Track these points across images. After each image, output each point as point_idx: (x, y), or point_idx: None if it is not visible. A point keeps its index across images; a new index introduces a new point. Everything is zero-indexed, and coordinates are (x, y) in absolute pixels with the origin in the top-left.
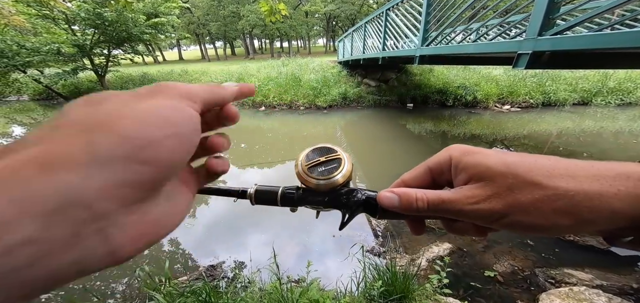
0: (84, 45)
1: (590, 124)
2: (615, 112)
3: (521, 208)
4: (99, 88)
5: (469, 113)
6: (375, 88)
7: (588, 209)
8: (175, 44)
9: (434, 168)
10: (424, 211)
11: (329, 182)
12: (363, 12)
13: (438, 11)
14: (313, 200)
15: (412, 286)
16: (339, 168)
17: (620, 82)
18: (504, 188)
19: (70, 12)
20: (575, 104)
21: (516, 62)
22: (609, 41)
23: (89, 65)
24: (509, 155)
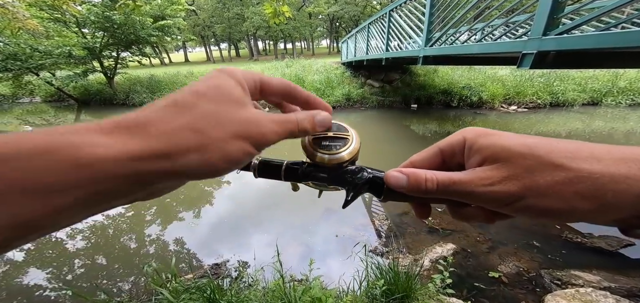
0: (93, 47)
1: (601, 124)
2: (626, 113)
3: (539, 191)
4: (108, 90)
5: (475, 114)
6: (379, 89)
7: (613, 193)
8: (181, 46)
9: (445, 150)
10: (433, 192)
11: (334, 157)
12: (366, 13)
13: (442, 11)
14: (317, 176)
15: (414, 286)
16: (346, 144)
17: (632, 82)
18: (522, 169)
19: (81, 16)
20: (585, 104)
21: (521, 62)
22: (617, 40)
23: (98, 67)
24: (529, 137)
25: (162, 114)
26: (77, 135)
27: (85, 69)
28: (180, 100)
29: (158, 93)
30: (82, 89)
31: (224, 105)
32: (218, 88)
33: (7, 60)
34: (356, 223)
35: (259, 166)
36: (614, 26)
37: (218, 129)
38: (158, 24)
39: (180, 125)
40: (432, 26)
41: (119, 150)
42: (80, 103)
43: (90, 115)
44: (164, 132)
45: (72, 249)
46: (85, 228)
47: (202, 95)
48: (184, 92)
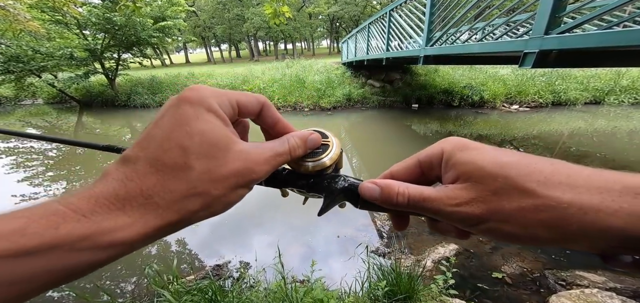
0: (95, 49)
1: (603, 123)
2: (629, 111)
3: (502, 216)
4: (110, 91)
5: (476, 113)
6: (380, 89)
7: (578, 224)
8: (182, 47)
9: (423, 162)
10: (404, 206)
11: (315, 163)
12: (366, 13)
13: (442, 11)
14: (297, 182)
15: (417, 286)
16: (326, 151)
17: (634, 80)
18: (490, 192)
19: (82, 17)
20: (587, 103)
21: (522, 61)
22: (620, 39)
23: (99, 69)
24: (507, 154)
25: (160, 180)
26: (103, 221)
27: (87, 70)
28: (170, 162)
29: (159, 94)
30: (83, 91)
31: (214, 159)
32: (202, 136)
33: (9, 62)
34: (358, 223)
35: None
36: (616, 25)
37: (217, 187)
38: (158, 25)
39: (183, 193)
40: (433, 26)
41: (140, 231)
42: (82, 104)
43: (92, 117)
44: (172, 202)
45: None
46: None
47: (190, 152)
48: (171, 147)
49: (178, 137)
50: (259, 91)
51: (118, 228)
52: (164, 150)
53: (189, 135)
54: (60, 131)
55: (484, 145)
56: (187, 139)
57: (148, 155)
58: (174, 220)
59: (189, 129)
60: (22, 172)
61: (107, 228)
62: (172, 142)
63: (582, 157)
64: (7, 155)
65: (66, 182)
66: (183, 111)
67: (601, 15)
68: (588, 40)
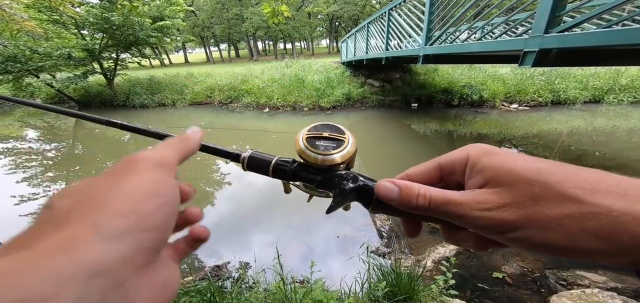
0: (93, 49)
1: (603, 122)
2: (628, 110)
3: (542, 223)
4: (108, 91)
5: (476, 112)
6: (379, 88)
7: (631, 235)
8: (181, 47)
9: (445, 166)
10: (424, 209)
11: (325, 158)
12: (366, 13)
13: (441, 10)
14: (306, 177)
15: (417, 287)
16: (340, 146)
17: (633, 79)
18: (527, 197)
19: (80, 17)
20: (586, 102)
21: (522, 60)
22: (621, 38)
23: (98, 69)
24: (540, 160)
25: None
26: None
27: (85, 70)
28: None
29: (158, 94)
30: (82, 91)
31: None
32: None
33: (7, 62)
34: (357, 223)
35: (248, 160)
36: (616, 23)
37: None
38: (157, 25)
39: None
40: (432, 25)
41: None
42: (81, 105)
43: None
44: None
45: None
46: None
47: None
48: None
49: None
50: (258, 91)
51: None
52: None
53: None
54: (59, 131)
55: (511, 151)
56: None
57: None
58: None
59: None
60: (20, 172)
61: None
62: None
63: (581, 155)
64: (5, 156)
65: (65, 182)
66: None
67: (601, 14)
68: (589, 39)
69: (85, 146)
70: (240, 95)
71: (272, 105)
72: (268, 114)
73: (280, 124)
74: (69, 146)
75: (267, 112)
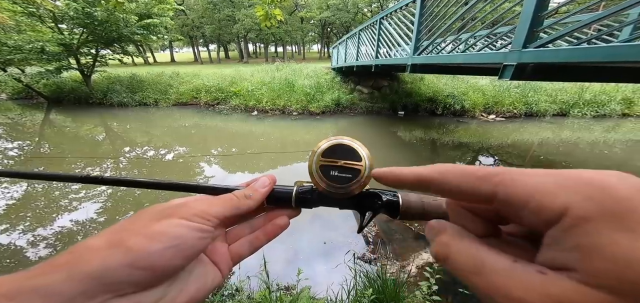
0: (70, 44)
1: (569, 134)
2: (591, 123)
3: None
4: (84, 88)
5: (457, 122)
6: (368, 95)
7: None
8: (168, 45)
9: (504, 198)
10: (446, 260)
11: (343, 191)
12: (357, 20)
13: (429, 21)
14: (330, 203)
15: (402, 293)
16: (356, 177)
17: (596, 95)
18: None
19: (58, 11)
20: (555, 115)
21: (502, 73)
22: (585, 55)
23: (74, 64)
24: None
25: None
26: None
27: (60, 65)
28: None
29: (139, 93)
30: (53, 87)
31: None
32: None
33: None
34: (344, 229)
35: (272, 194)
36: (584, 41)
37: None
38: (143, 23)
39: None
40: (421, 35)
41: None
42: (51, 101)
43: (62, 115)
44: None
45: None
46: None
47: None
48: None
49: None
50: (247, 93)
51: None
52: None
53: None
54: (24, 128)
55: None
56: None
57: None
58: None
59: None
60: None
61: None
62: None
63: (549, 165)
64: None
65: (26, 185)
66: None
67: (572, 32)
68: (559, 55)
69: (53, 145)
70: (228, 97)
71: (260, 109)
72: (256, 117)
73: (269, 127)
74: (34, 145)
75: (256, 115)
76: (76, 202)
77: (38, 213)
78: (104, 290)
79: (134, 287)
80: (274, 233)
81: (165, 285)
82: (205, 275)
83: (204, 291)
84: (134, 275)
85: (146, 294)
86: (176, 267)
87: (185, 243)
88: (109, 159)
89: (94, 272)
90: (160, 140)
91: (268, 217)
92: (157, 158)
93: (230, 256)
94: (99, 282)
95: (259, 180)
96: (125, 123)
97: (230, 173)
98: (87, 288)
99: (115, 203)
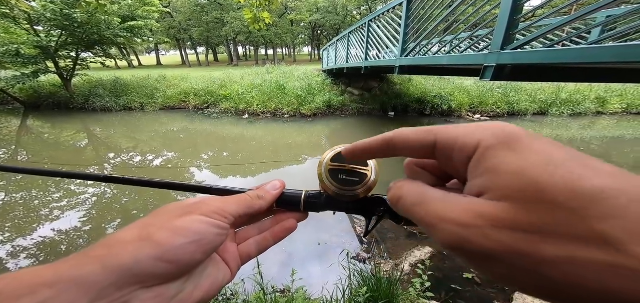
0: (48, 46)
1: (548, 132)
2: (568, 122)
3: (551, 263)
4: (64, 93)
5: (445, 121)
6: (359, 96)
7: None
8: (154, 48)
9: (442, 146)
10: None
11: (350, 194)
12: (347, 23)
13: (416, 23)
14: (338, 207)
15: (396, 291)
16: (363, 180)
17: (571, 94)
18: (559, 224)
19: (34, 12)
20: (535, 114)
21: (483, 74)
22: (558, 56)
23: (53, 68)
24: (586, 165)
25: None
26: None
27: (37, 69)
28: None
29: (124, 97)
30: (30, 91)
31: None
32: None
33: None
34: (338, 230)
35: (281, 197)
36: (557, 43)
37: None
38: (127, 25)
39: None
40: (407, 37)
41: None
42: (28, 107)
43: (41, 121)
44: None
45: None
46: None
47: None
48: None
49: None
50: (238, 96)
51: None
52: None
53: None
54: (0, 136)
55: (542, 141)
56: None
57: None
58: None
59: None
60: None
61: None
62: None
63: None
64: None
65: (5, 194)
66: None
67: (546, 34)
68: (534, 56)
69: (31, 153)
70: (218, 101)
71: (251, 112)
72: (247, 120)
73: (260, 130)
74: (11, 153)
75: (247, 119)
76: (58, 211)
77: (17, 224)
78: (133, 281)
79: (158, 279)
80: (282, 235)
81: (183, 279)
82: (217, 273)
83: (217, 287)
84: (160, 267)
85: (167, 287)
86: (197, 262)
87: (206, 238)
88: (92, 166)
89: (125, 264)
90: (148, 146)
91: (276, 219)
92: (144, 164)
93: (240, 256)
94: (129, 273)
95: (270, 183)
96: (109, 128)
97: (223, 178)
98: (119, 279)
99: (100, 211)
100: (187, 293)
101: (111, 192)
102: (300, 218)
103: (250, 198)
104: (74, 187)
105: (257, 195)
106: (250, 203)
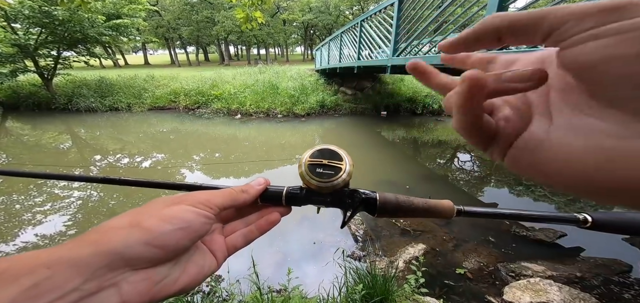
0: (26, 45)
1: None
2: None
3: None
4: (44, 93)
5: (436, 120)
6: (352, 96)
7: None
8: (141, 47)
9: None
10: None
11: (329, 185)
12: (340, 23)
13: (407, 24)
14: (317, 200)
15: (391, 288)
16: (338, 173)
17: None
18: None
19: (11, 9)
20: None
21: None
22: None
23: (32, 67)
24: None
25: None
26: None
27: (15, 68)
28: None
29: (110, 97)
30: (9, 92)
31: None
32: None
33: None
34: (333, 229)
35: (261, 194)
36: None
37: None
38: (112, 23)
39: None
40: (399, 37)
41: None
42: (6, 107)
43: (20, 122)
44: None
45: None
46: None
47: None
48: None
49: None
50: (230, 96)
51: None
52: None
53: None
54: None
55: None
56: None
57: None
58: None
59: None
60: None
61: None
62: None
63: None
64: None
65: None
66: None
67: None
68: None
69: (11, 155)
70: (209, 101)
71: (244, 112)
72: (240, 120)
73: (253, 130)
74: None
75: (239, 119)
76: (41, 215)
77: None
78: (123, 264)
79: (147, 262)
80: (266, 228)
81: (171, 264)
82: (203, 261)
83: (202, 275)
84: (149, 252)
85: (155, 270)
86: (183, 247)
87: (192, 226)
88: (77, 169)
89: (116, 248)
90: (135, 147)
91: (261, 213)
92: (132, 166)
93: (226, 247)
94: (120, 256)
95: (255, 180)
96: (94, 129)
97: (214, 179)
98: (110, 262)
99: (86, 214)
100: (173, 277)
101: (97, 194)
102: (284, 212)
103: (235, 192)
104: (58, 190)
105: (241, 189)
106: (235, 196)
